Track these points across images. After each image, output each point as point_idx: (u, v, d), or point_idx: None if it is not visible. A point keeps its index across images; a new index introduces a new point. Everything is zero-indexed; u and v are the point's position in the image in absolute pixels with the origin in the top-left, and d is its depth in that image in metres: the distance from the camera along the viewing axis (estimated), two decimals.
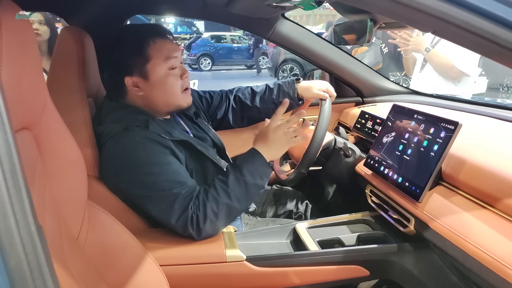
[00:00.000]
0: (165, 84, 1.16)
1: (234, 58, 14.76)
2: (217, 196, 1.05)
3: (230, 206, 1.06)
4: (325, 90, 1.49)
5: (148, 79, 1.15)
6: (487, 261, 0.81)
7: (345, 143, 1.49)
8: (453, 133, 0.99)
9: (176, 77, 1.18)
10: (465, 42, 0.68)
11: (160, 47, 1.14)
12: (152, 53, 1.13)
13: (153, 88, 1.16)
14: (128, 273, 0.91)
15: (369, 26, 1.13)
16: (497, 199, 0.88)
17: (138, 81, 1.15)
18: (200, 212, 1.03)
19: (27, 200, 0.42)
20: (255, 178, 1.10)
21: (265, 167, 1.13)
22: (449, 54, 2.36)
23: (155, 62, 1.14)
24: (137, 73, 1.14)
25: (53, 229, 0.72)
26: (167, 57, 1.15)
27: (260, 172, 1.12)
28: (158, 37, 1.14)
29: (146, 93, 1.17)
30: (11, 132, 0.43)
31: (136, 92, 1.17)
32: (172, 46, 1.17)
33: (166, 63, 1.15)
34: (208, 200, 1.04)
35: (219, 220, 1.06)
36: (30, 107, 0.69)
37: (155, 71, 1.14)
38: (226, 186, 1.07)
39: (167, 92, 1.18)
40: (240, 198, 1.08)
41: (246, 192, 1.09)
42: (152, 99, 1.18)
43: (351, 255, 1.15)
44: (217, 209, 1.04)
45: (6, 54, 0.56)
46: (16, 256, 0.39)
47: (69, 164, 0.83)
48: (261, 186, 1.13)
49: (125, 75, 1.15)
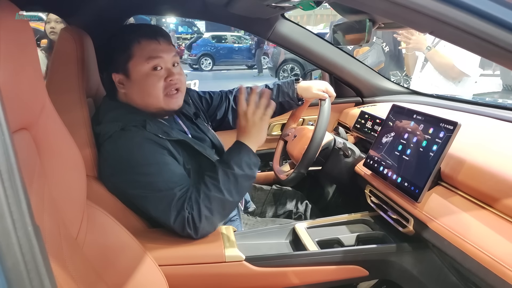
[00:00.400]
0: (144, 84, 1.15)
1: (235, 58, 14.77)
2: (209, 192, 1.06)
3: (223, 200, 1.07)
4: (325, 90, 1.50)
5: (129, 77, 1.15)
6: (486, 261, 0.81)
7: (345, 143, 1.49)
8: (452, 133, 0.99)
9: (158, 78, 1.15)
10: (463, 43, 0.68)
11: (145, 46, 1.14)
12: (135, 51, 1.13)
13: (133, 86, 1.16)
14: (127, 273, 0.91)
15: (368, 26, 1.13)
16: (496, 199, 0.88)
17: (121, 78, 1.17)
18: (194, 211, 1.04)
19: (24, 200, 0.42)
20: (244, 169, 1.11)
21: (251, 156, 1.14)
22: (449, 54, 2.36)
23: (137, 60, 1.13)
24: (121, 70, 1.16)
25: (52, 230, 0.72)
26: (149, 56, 1.13)
27: (248, 162, 1.12)
28: (144, 38, 1.14)
29: (127, 91, 1.18)
30: (8, 132, 0.43)
31: (121, 89, 1.18)
32: (157, 46, 1.15)
33: (147, 63, 1.13)
34: (200, 197, 1.05)
35: (215, 215, 1.07)
36: (29, 107, 0.69)
37: (135, 69, 1.14)
38: (216, 181, 1.08)
39: (146, 93, 1.16)
40: (231, 191, 1.08)
41: (236, 184, 1.09)
42: (131, 98, 1.18)
43: (350, 255, 1.15)
44: (210, 205, 1.05)
45: (4, 55, 0.56)
46: (13, 256, 0.40)
47: (68, 165, 0.84)
48: (251, 176, 1.14)
49: (112, 71, 1.17)
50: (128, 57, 1.14)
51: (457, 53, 2.31)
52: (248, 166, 1.12)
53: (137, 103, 1.18)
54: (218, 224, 1.13)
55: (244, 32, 15.41)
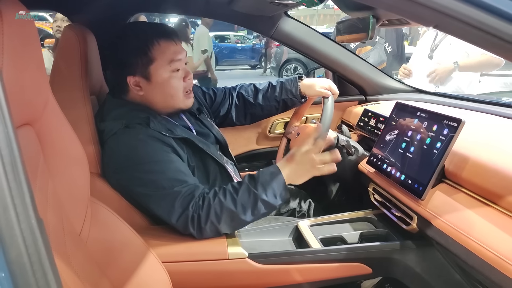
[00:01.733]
0: (167, 87, 1.16)
1: (238, 58, 14.76)
2: (224, 200, 1.04)
3: (234, 213, 1.04)
4: (328, 87, 1.49)
5: (150, 80, 1.14)
6: (490, 258, 0.81)
7: (348, 141, 1.48)
8: (456, 131, 0.99)
9: (179, 79, 1.17)
10: (467, 36, 0.68)
11: (165, 49, 1.13)
12: (156, 54, 1.12)
13: (154, 89, 1.16)
14: (130, 269, 0.91)
15: (371, 23, 1.12)
16: (500, 196, 0.87)
17: (140, 81, 1.15)
18: (202, 212, 1.03)
19: (28, 193, 0.42)
20: (268, 195, 1.05)
21: (282, 187, 1.07)
22: (475, 54, 2.33)
23: (159, 64, 1.13)
24: (139, 73, 1.14)
25: (56, 225, 0.72)
26: (171, 60, 1.13)
27: (275, 190, 1.06)
28: (163, 39, 1.13)
29: (147, 93, 1.17)
30: (12, 127, 0.43)
31: (137, 92, 1.16)
32: (176, 48, 1.15)
33: (169, 66, 1.14)
34: (213, 202, 1.03)
35: (221, 224, 1.04)
36: (32, 103, 0.69)
37: (158, 73, 1.14)
38: (235, 193, 1.05)
39: (168, 94, 1.17)
40: (245, 209, 1.04)
41: (254, 205, 1.05)
42: (151, 100, 1.18)
43: (353, 252, 1.15)
44: (220, 213, 1.03)
45: (8, 50, 0.57)
46: (17, 248, 0.40)
47: (72, 161, 0.84)
48: (272, 205, 1.07)
49: (128, 74, 1.14)
50: (150, 61, 1.12)
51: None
52: (274, 195, 1.06)
53: (157, 104, 1.18)
54: (221, 234, 1.09)
55: (247, 31, 15.42)
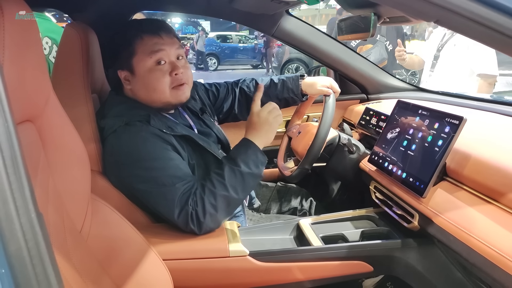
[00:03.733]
0: (149, 79, 1.14)
1: (240, 57, 14.78)
2: (214, 189, 1.05)
3: (228, 197, 1.06)
4: (329, 86, 1.49)
5: (134, 73, 1.15)
6: (491, 255, 0.81)
7: (349, 139, 1.48)
8: (457, 128, 0.98)
9: (163, 73, 1.14)
10: (469, 32, 0.67)
11: (147, 41, 1.13)
12: (138, 47, 1.13)
13: (138, 82, 1.16)
14: (131, 267, 0.91)
15: (373, 20, 1.12)
16: (502, 194, 0.87)
17: (127, 75, 1.17)
18: (198, 207, 1.03)
19: (28, 187, 0.42)
20: (250, 167, 1.10)
21: (259, 154, 1.13)
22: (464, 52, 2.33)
23: (140, 56, 1.13)
24: (125, 67, 1.16)
25: (56, 222, 0.72)
26: (151, 51, 1.13)
27: (254, 160, 1.11)
28: (147, 33, 1.14)
29: (133, 87, 1.18)
30: (12, 121, 0.43)
31: (127, 86, 1.18)
32: (159, 40, 1.14)
33: (150, 57, 1.13)
34: (205, 194, 1.04)
35: (219, 212, 1.06)
36: (33, 99, 0.69)
37: (139, 65, 1.14)
38: (222, 178, 1.07)
39: (151, 88, 1.15)
40: (237, 189, 1.08)
41: (242, 182, 1.09)
42: (137, 93, 1.18)
43: (354, 250, 1.14)
44: (215, 202, 1.04)
45: (9, 46, 0.57)
46: (16, 242, 0.40)
47: (72, 158, 0.84)
48: (258, 175, 1.13)
49: (117, 68, 1.17)
50: (131, 54, 1.13)
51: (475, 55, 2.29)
52: (255, 164, 1.11)
53: (143, 98, 1.18)
54: (222, 221, 1.12)
55: (249, 31, 15.43)
